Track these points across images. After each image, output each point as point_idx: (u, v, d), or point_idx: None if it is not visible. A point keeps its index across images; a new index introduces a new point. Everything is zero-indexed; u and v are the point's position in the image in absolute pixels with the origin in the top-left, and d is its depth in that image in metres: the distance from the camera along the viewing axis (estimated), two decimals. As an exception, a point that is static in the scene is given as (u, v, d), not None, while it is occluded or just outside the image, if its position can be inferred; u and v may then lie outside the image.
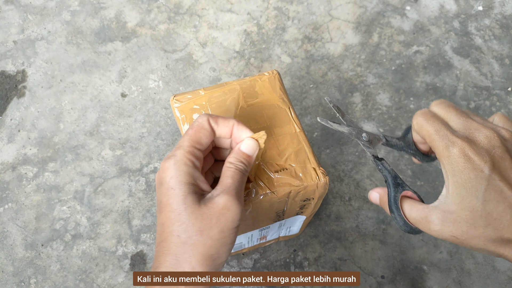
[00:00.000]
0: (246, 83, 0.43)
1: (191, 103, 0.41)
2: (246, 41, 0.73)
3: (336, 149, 0.64)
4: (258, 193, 0.37)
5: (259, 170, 0.38)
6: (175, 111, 0.41)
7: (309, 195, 0.40)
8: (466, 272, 0.57)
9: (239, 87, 0.42)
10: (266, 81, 0.43)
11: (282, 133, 0.40)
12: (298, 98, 0.68)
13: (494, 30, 0.75)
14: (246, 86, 0.42)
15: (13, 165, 0.63)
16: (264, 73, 0.44)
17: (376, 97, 0.69)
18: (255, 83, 0.43)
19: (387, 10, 0.77)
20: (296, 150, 0.40)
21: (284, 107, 0.42)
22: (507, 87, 0.70)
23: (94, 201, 0.61)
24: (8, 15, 0.75)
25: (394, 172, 0.35)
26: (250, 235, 0.48)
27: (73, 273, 0.57)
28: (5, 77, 0.70)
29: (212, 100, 0.42)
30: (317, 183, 0.39)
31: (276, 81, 0.43)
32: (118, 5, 0.76)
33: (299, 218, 0.47)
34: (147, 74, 0.70)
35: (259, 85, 0.43)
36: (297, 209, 0.43)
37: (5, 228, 0.59)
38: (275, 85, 0.43)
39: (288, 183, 0.38)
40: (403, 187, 0.34)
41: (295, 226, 0.51)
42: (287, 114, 0.42)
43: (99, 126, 0.66)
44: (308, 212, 0.46)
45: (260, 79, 0.43)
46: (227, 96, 0.42)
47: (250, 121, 0.41)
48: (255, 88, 0.42)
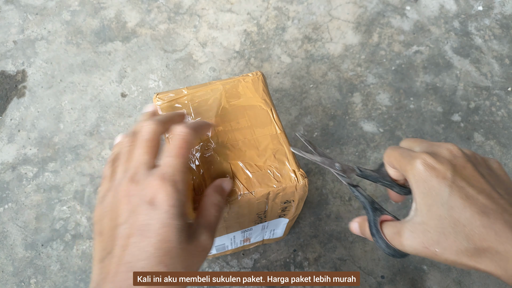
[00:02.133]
0: (230, 83, 0.43)
1: (174, 101, 0.42)
2: (246, 41, 0.73)
3: (336, 149, 0.64)
4: (236, 193, 0.37)
5: (237, 170, 0.38)
6: (158, 110, 0.42)
7: (288, 197, 0.40)
8: (466, 272, 0.57)
9: (222, 87, 0.43)
10: (250, 82, 0.43)
11: (263, 134, 0.40)
12: (298, 98, 0.68)
13: (494, 30, 0.75)
14: (229, 87, 0.43)
15: (13, 165, 0.63)
16: (248, 74, 0.44)
17: (376, 97, 0.69)
18: (238, 83, 0.43)
19: (387, 10, 0.77)
20: (276, 152, 0.40)
21: (266, 108, 0.42)
22: (507, 87, 0.70)
23: (94, 201, 0.61)
24: (8, 15, 0.75)
25: (371, 198, 0.35)
26: (232, 236, 0.48)
27: (73, 273, 0.57)
28: (5, 77, 0.70)
29: (194, 99, 0.42)
30: (295, 184, 0.38)
31: (260, 83, 0.43)
32: (118, 5, 0.76)
33: (282, 221, 0.48)
34: (147, 74, 0.70)
35: (242, 85, 0.43)
36: (279, 211, 0.43)
37: (5, 228, 0.59)
38: (258, 87, 0.43)
39: (266, 184, 0.38)
40: (381, 212, 0.34)
41: (278, 229, 0.51)
42: (269, 115, 0.42)
43: (99, 126, 0.66)
44: (290, 215, 0.46)
45: (244, 80, 0.43)
46: (210, 96, 0.42)
47: (231, 121, 0.41)
48: (238, 89, 0.43)
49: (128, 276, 0.27)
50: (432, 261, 0.58)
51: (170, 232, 0.28)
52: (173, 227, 0.28)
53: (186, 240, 0.29)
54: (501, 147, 0.66)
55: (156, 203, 0.29)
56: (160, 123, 0.33)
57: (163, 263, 0.28)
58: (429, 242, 0.28)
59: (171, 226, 0.28)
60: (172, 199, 0.29)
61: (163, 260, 0.28)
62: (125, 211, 0.29)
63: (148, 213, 0.29)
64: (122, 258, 0.28)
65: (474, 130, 0.67)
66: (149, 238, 0.28)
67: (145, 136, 0.32)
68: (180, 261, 0.29)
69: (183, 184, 0.30)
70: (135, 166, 0.31)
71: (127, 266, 0.28)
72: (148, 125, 0.33)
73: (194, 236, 0.30)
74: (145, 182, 0.29)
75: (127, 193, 0.30)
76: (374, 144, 0.65)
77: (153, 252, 0.28)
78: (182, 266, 0.29)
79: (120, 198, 0.30)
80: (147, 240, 0.28)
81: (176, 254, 0.28)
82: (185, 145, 0.32)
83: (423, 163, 0.29)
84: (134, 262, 0.28)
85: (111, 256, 0.29)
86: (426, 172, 0.29)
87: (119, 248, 0.28)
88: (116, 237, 0.29)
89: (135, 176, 0.30)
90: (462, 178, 0.28)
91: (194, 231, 0.31)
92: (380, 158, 0.64)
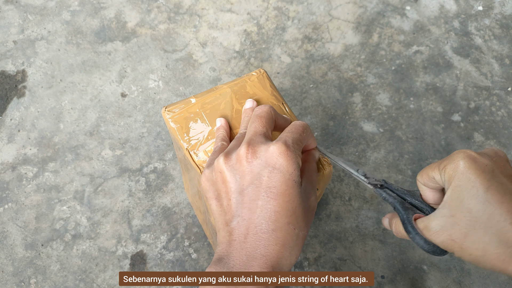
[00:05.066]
0: (237, 85, 0.43)
1: (185, 112, 0.41)
2: (246, 41, 0.73)
3: (336, 149, 0.64)
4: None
5: None
6: (169, 122, 0.41)
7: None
8: (466, 272, 0.57)
9: (230, 90, 0.42)
10: (256, 81, 0.43)
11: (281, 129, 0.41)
12: (298, 98, 0.68)
13: (494, 30, 0.75)
14: (237, 88, 0.43)
15: (13, 165, 0.63)
16: (251, 73, 0.44)
17: (376, 97, 0.69)
18: (245, 83, 0.43)
19: (387, 10, 0.77)
20: None
21: (277, 103, 0.42)
22: (507, 87, 0.70)
23: (94, 201, 0.61)
24: (8, 15, 0.75)
25: (400, 198, 0.35)
26: None
27: (73, 273, 0.57)
28: (5, 77, 0.70)
29: (205, 106, 0.41)
30: (322, 172, 0.39)
31: (265, 79, 0.43)
32: (118, 5, 0.76)
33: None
34: (147, 74, 0.70)
35: (249, 85, 0.43)
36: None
37: (5, 228, 0.59)
38: (265, 84, 0.43)
39: None
40: (414, 210, 0.33)
41: None
42: (282, 109, 0.42)
43: (99, 126, 0.66)
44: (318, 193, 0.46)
45: (249, 79, 0.43)
46: (220, 100, 0.42)
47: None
48: (246, 89, 0.43)
49: (261, 237, 0.29)
50: (432, 261, 0.58)
51: (294, 193, 0.30)
52: (296, 189, 0.30)
53: (304, 200, 0.31)
54: (501, 147, 0.66)
55: (279, 167, 0.30)
56: (271, 107, 0.35)
57: (291, 223, 0.30)
58: (456, 234, 0.28)
59: (294, 188, 0.30)
60: (294, 162, 0.30)
61: (291, 220, 0.30)
62: (248, 173, 0.31)
63: (273, 176, 0.30)
64: (252, 220, 0.29)
65: (474, 130, 0.67)
66: (276, 199, 0.29)
67: (260, 113, 0.34)
68: (302, 219, 0.30)
69: (300, 153, 0.32)
70: (253, 134, 0.32)
71: (257, 228, 0.29)
72: (262, 107, 0.35)
73: (307, 196, 0.32)
74: (267, 148, 0.31)
75: (247, 157, 0.31)
76: (374, 144, 0.65)
77: (282, 213, 0.29)
78: (304, 224, 0.31)
79: (240, 161, 0.31)
80: (274, 202, 0.29)
81: (300, 213, 0.30)
82: (302, 129, 0.33)
83: (464, 156, 0.29)
84: (265, 224, 0.29)
85: (241, 219, 0.30)
86: (466, 163, 0.29)
87: (248, 210, 0.30)
88: (243, 201, 0.30)
89: (252, 142, 0.31)
90: (503, 174, 0.28)
91: (306, 191, 0.33)
92: (380, 158, 0.64)
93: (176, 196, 0.61)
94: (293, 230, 0.30)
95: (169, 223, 0.60)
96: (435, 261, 0.58)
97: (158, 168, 0.63)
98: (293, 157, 0.30)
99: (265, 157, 0.30)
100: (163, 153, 0.64)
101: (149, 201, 0.61)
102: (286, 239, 0.29)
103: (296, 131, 0.33)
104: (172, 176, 0.63)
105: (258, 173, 0.30)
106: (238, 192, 0.31)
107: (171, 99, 0.68)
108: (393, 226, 0.35)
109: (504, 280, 0.57)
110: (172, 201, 0.61)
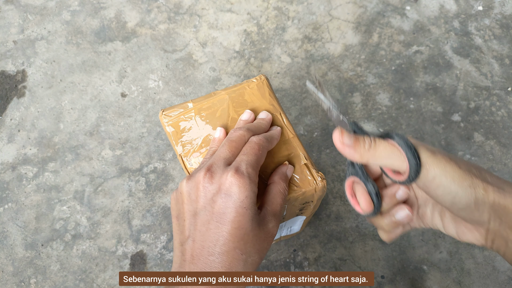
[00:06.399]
0: (235, 91, 0.42)
1: (181, 117, 0.41)
2: (246, 41, 0.73)
3: (336, 149, 0.64)
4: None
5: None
6: (165, 127, 0.41)
7: (308, 199, 0.40)
8: (466, 272, 0.57)
9: (227, 96, 0.42)
10: (255, 88, 0.42)
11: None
12: (298, 98, 0.68)
13: (494, 30, 0.75)
14: (235, 95, 0.42)
15: (13, 165, 0.63)
16: (252, 79, 0.43)
17: (376, 97, 0.69)
18: (243, 91, 0.42)
19: (387, 10, 0.77)
20: (291, 157, 0.39)
21: (275, 113, 0.41)
22: (507, 87, 0.70)
23: (94, 201, 0.61)
24: (8, 15, 0.75)
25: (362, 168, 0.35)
26: None
27: (73, 273, 0.57)
28: (5, 77, 0.70)
29: (201, 113, 0.41)
30: (315, 187, 0.38)
31: (265, 87, 0.42)
32: (118, 5, 0.76)
33: (300, 218, 0.47)
34: (147, 74, 0.70)
35: (248, 92, 0.42)
36: (297, 211, 0.43)
37: (5, 228, 0.59)
38: (264, 92, 0.42)
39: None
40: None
41: (295, 225, 0.51)
42: (279, 120, 0.41)
43: (99, 126, 0.66)
44: (308, 213, 0.46)
45: (249, 86, 0.42)
46: (217, 107, 0.41)
47: None
48: (244, 96, 0.42)
49: (208, 259, 0.31)
50: (432, 261, 0.58)
51: (244, 220, 0.31)
52: (247, 216, 0.31)
53: (256, 227, 0.32)
54: (501, 147, 0.66)
55: (231, 193, 0.31)
56: (248, 131, 0.37)
57: (238, 248, 0.31)
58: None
59: (244, 215, 0.31)
60: (246, 190, 0.31)
61: (238, 246, 0.31)
62: (202, 198, 0.32)
63: (224, 203, 0.31)
64: (201, 243, 0.31)
65: (474, 130, 0.67)
66: (225, 225, 0.31)
67: (232, 138, 0.36)
68: (253, 246, 0.32)
69: (255, 177, 0.33)
70: (215, 159, 0.34)
71: (207, 250, 0.31)
72: (238, 131, 0.36)
73: (263, 223, 0.33)
74: (222, 174, 0.32)
75: (203, 182, 0.32)
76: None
77: (230, 238, 0.31)
78: (255, 251, 0.32)
79: (197, 185, 0.33)
80: (223, 227, 0.31)
81: (249, 240, 0.31)
82: (258, 148, 0.35)
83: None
84: (212, 247, 0.31)
85: (191, 240, 0.32)
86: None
87: (199, 233, 0.32)
88: (195, 223, 0.32)
89: (211, 167, 0.33)
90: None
91: (263, 218, 0.33)
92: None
93: (176, 196, 0.61)
94: (240, 255, 0.31)
95: (169, 223, 0.60)
96: (435, 261, 0.58)
97: (158, 168, 0.63)
98: (245, 184, 0.31)
99: (219, 183, 0.32)
100: (163, 153, 0.64)
101: (149, 201, 0.61)
102: (232, 264, 0.31)
103: (251, 152, 0.34)
104: (172, 176, 0.63)
105: (211, 198, 0.32)
106: (192, 215, 0.33)
107: (171, 99, 0.68)
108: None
109: (504, 280, 0.57)
110: (172, 201, 0.61)
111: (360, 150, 0.31)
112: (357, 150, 0.31)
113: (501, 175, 0.64)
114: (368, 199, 0.34)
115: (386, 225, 0.35)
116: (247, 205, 0.31)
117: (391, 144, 0.31)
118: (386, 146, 0.31)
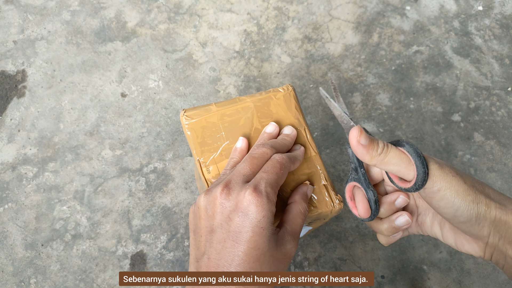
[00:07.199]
0: (260, 100, 0.40)
1: (203, 120, 0.39)
2: (246, 41, 0.73)
3: (336, 149, 0.64)
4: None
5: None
6: (185, 128, 0.39)
7: (322, 216, 0.39)
8: (466, 272, 0.57)
9: (253, 105, 0.40)
10: (281, 99, 0.41)
11: None
12: (298, 98, 0.68)
13: (494, 30, 0.75)
14: (260, 105, 0.40)
15: (13, 165, 0.63)
16: (278, 89, 0.41)
17: (376, 97, 0.69)
18: (269, 100, 0.40)
19: (387, 10, 0.77)
20: (311, 175, 0.38)
21: (299, 128, 0.40)
22: (507, 87, 0.70)
23: (94, 201, 0.61)
24: (8, 15, 0.75)
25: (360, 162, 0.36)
26: None
27: (73, 273, 0.57)
28: (5, 77, 0.70)
29: (224, 119, 0.39)
30: (331, 210, 0.38)
31: (292, 99, 0.41)
32: (118, 5, 0.76)
33: (306, 228, 0.47)
34: (147, 74, 0.70)
35: (274, 103, 0.40)
36: (306, 223, 0.43)
37: (5, 228, 0.59)
38: (290, 104, 0.41)
39: None
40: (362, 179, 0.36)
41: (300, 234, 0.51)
42: (303, 135, 0.40)
43: (99, 126, 0.66)
44: (316, 226, 0.45)
45: (275, 96, 0.41)
46: (241, 115, 0.40)
47: None
48: (269, 107, 0.40)
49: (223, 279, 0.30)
50: (432, 261, 0.58)
51: (260, 241, 0.30)
52: (263, 236, 0.30)
53: (274, 248, 0.31)
54: (501, 147, 0.66)
55: (249, 212, 0.30)
56: (272, 149, 0.35)
57: (253, 269, 0.30)
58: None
59: (261, 236, 0.30)
60: (263, 210, 0.30)
61: (253, 267, 0.30)
62: (219, 214, 0.31)
63: (241, 222, 0.30)
64: (216, 261, 0.31)
65: (474, 130, 0.67)
66: (241, 244, 0.30)
67: (254, 155, 0.35)
68: (269, 267, 0.31)
69: (274, 196, 0.32)
70: (234, 175, 0.33)
71: (222, 269, 0.30)
72: (261, 148, 0.35)
73: (281, 243, 0.32)
74: (239, 192, 0.31)
75: (220, 198, 0.31)
76: (374, 144, 0.65)
77: (245, 259, 0.30)
78: (270, 271, 0.31)
79: (214, 201, 0.32)
80: (239, 247, 0.30)
81: (265, 261, 0.31)
82: (279, 167, 0.34)
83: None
84: (227, 267, 0.30)
85: (207, 258, 0.31)
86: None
87: (214, 251, 0.31)
88: (211, 240, 0.31)
89: (229, 183, 0.32)
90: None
91: (281, 238, 0.32)
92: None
93: (176, 196, 0.61)
94: None
95: (169, 223, 0.60)
96: (435, 261, 0.58)
97: (158, 168, 0.63)
98: (263, 204, 0.30)
99: (236, 201, 0.31)
100: (163, 153, 0.64)
101: (149, 201, 0.61)
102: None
103: (272, 170, 0.33)
104: (172, 176, 0.63)
105: (228, 216, 0.31)
106: (208, 231, 0.32)
107: (171, 99, 0.68)
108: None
109: (504, 280, 0.57)
110: (172, 201, 0.61)
111: (372, 153, 0.31)
112: (369, 152, 0.31)
113: (501, 175, 0.64)
114: (366, 205, 0.35)
115: (386, 229, 0.35)
116: (264, 225, 0.30)
117: (401, 151, 0.32)
118: (396, 152, 0.31)
